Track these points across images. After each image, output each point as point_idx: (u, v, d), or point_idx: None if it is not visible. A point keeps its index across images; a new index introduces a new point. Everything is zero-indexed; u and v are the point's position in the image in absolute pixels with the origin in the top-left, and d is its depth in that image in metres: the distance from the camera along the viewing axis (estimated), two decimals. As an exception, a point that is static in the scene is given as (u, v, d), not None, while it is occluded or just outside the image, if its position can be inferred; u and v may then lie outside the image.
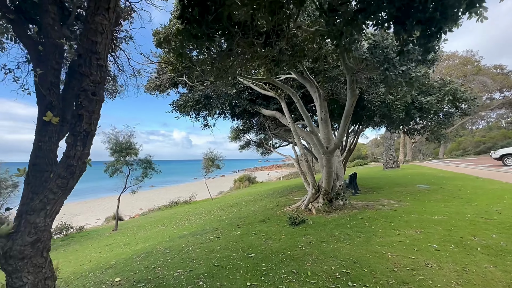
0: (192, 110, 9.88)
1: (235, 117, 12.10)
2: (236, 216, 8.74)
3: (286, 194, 12.54)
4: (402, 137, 29.07)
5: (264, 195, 14.55)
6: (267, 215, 7.87)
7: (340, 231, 5.51)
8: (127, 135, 13.17)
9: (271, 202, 10.53)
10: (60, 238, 13.40)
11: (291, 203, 9.42)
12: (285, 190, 14.69)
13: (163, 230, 9.54)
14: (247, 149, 16.12)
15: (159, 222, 12.54)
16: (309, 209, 7.86)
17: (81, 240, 12.32)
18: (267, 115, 9.65)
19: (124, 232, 11.74)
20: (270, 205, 9.67)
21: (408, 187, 11.19)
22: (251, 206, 10.53)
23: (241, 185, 33.20)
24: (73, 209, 29.50)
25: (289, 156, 9.97)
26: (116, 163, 13.04)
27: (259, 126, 12.64)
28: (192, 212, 13.60)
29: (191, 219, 10.81)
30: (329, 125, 8.00)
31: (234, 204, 12.50)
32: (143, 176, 13.66)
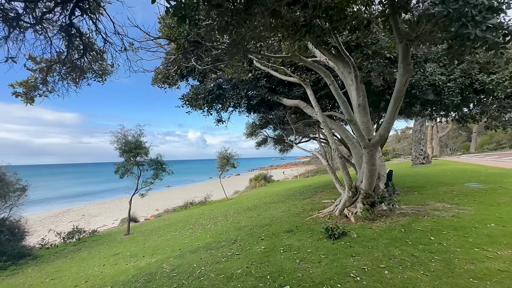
0: (204, 103, 8.65)
1: (251, 110, 10.77)
2: (256, 222, 7.44)
3: (310, 195, 11.10)
4: (430, 131, 26.60)
5: (284, 196, 13.15)
6: (294, 223, 6.49)
7: (401, 250, 4.05)
8: (137, 133, 12.22)
9: (294, 205, 9.13)
10: (72, 243, 12.71)
11: (320, 207, 7.98)
12: (308, 190, 13.23)
13: (174, 238, 8.41)
14: (264, 146, 14.78)
15: (172, 227, 11.49)
16: (345, 215, 6.41)
17: (91, 246, 11.52)
18: (289, 105, 8.27)
19: (135, 238, 10.77)
20: (295, 209, 8.28)
21: (455, 186, 9.41)
22: (272, 210, 9.19)
23: (257, 184, 31.95)
24: (92, 210, 29.47)
25: (315, 152, 8.53)
26: (126, 163, 12.11)
27: (278, 120, 11.24)
28: (207, 215, 12.46)
29: (205, 224, 9.63)
30: (368, 113, 6.49)
31: (252, 207, 11.21)
32: (154, 177, 12.66)
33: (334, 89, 5.61)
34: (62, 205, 34.38)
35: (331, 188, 12.26)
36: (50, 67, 3.39)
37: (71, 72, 3.56)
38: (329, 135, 6.87)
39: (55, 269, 7.85)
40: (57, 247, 12.40)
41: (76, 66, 3.46)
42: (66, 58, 3.29)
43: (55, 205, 34.33)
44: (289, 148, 14.98)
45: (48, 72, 3.41)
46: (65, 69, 3.54)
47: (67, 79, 3.68)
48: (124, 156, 11.91)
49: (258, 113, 11.06)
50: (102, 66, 3.92)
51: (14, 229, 11.68)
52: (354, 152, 7.29)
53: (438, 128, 29.91)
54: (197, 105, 8.85)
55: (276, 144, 14.83)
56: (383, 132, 5.45)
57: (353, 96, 6.34)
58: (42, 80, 3.50)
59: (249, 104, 9.45)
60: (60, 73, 3.57)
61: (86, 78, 3.86)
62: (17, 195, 11.47)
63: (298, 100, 8.12)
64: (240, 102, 8.50)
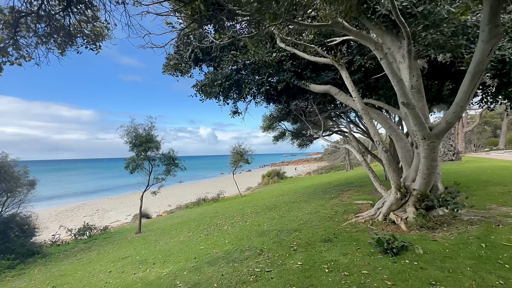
0: (221, 91, 7.61)
1: (270, 100, 9.68)
2: (281, 226, 6.39)
3: (335, 194, 9.93)
4: (455, 125, 24.62)
5: (304, 194, 12.04)
6: (330, 229, 5.39)
7: (499, 277, 2.89)
8: (148, 126, 11.38)
9: (322, 206, 8.01)
10: (83, 240, 12.13)
11: (354, 209, 6.83)
12: (330, 189, 12.06)
13: (188, 240, 7.50)
14: (282, 140, 13.66)
15: (185, 226, 10.64)
16: (392, 221, 5.25)
17: (101, 244, 10.85)
18: (318, 91, 7.11)
19: (146, 238, 9.98)
20: (324, 211, 7.17)
21: (509, 186, 8.03)
22: (295, 211, 8.11)
23: (270, 180, 30.92)
24: (106, 204, 29.36)
25: (348, 146, 7.31)
26: (136, 158, 11.32)
27: (299, 111, 10.08)
28: (222, 214, 11.55)
29: (221, 225, 8.69)
30: (424, 97, 5.26)
31: (271, 206, 10.17)
32: (166, 173, 11.83)
33: (387, 65, 4.42)
34: (78, 199, 34.67)
35: (358, 187, 11.04)
36: (18, 19, 2.46)
37: (54, 33, 2.64)
38: (370, 124, 5.69)
39: (60, 273, 7.12)
40: (68, 244, 11.85)
41: (57, 23, 2.54)
42: (41, 8, 2.35)
43: (72, 199, 34.64)
44: (308, 143, 13.81)
45: (16, 28, 2.48)
46: (43, 27, 2.62)
47: (48, 42, 2.75)
48: (135, 151, 11.13)
49: (278, 104, 9.94)
50: (96, 27, 2.94)
51: (24, 226, 11.17)
52: (399, 145, 6.07)
53: (463, 122, 27.78)
54: (212, 93, 7.82)
55: (295, 138, 13.69)
56: (452, 119, 4.23)
57: (404, 76, 5.12)
58: (11, 41, 2.58)
59: (270, 92, 8.36)
60: (36, 33, 2.65)
61: (74, 43, 2.92)
62: (25, 189, 10.92)
63: (328, 86, 6.94)
64: (260, 89, 7.40)
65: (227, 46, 7.52)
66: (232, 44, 7.41)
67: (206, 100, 8.86)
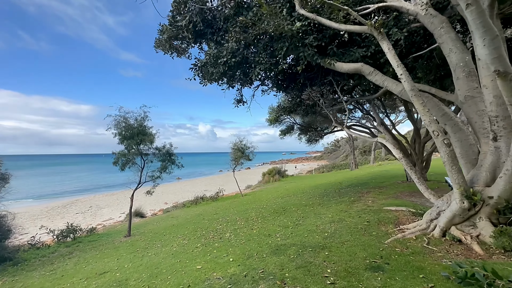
0: (225, 70, 6.11)
1: (281, 86, 8.23)
2: (300, 239, 4.96)
3: (355, 195, 8.52)
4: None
5: (315, 195, 10.61)
6: (372, 249, 3.96)
7: None
8: (140, 116, 9.88)
9: (345, 212, 6.57)
10: (65, 243, 10.64)
11: (391, 218, 5.40)
12: (343, 189, 10.65)
13: (182, 252, 6.05)
14: (290, 135, 12.22)
15: (180, 230, 9.21)
16: (457, 239, 3.84)
17: (85, 249, 9.39)
18: (346, 71, 5.65)
19: (135, 244, 8.53)
20: (351, 219, 5.74)
21: None
22: (312, 217, 6.68)
23: (270, 179, 29.53)
24: (100, 201, 27.83)
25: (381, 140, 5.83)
26: (127, 153, 9.83)
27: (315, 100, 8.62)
28: (222, 216, 10.12)
29: (222, 232, 7.26)
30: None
31: (280, 210, 8.74)
32: (162, 170, 10.35)
33: (477, 13, 2.97)
34: (72, 195, 33.21)
35: (377, 188, 9.63)
36: None
37: None
38: (423, 110, 4.23)
39: None
40: (49, 247, 10.38)
41: None
42: None
43: (66, 195, 33.17)
44: (318, 139, 12.37)
45: None
46: None
47: None
48: (125, 144, 9.63)
49: (290, 91, 8.47)
50: None
51: (-4, 227, 9.68)
52: (457, 138, 4.63)
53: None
54: (215, 73, 6.33)
55: (303, 133, 12.25)
56: None
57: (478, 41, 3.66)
58: None
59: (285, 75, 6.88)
60: None
61: None
62: (-2, 186, 9.42)
63: (360, 64, 5.48)
64: (274, 70, 5.91)
65: (232, 15, 6.04)
66: (238, 11, 5.92)
67: (207, 83, 7.38)
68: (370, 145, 49.39)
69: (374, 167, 25.72)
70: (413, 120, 9.64)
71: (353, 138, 27.36)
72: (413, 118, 9.75)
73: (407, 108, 9.39)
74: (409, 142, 10.22)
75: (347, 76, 6.28)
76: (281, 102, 10.35)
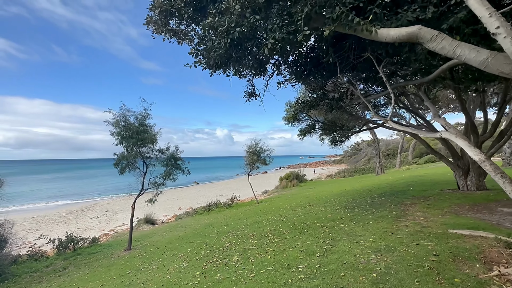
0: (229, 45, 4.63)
1: (302, 73, 6.65)
2: (335, 282, 3.32)
3: (396, 208, 6.66)
4: None
5: (341, 205, 8.80)
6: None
7: None
8: (140, 115, 8.73)
9: (392, 234, 4.78)
10: (64, 255, 9.63)
11: (468, 248, 3.60)
12: (376, 198, 8.74)
13: (177, 280, 4.61)
14: (310, 135, 10.53)
15: (184, 245, 7.84)
16: None
17: (79, 265, 8.27)
18: (393, 39, 3.95)
19: (130, 262, 7.25)
20: (405, 248, 3.98)
21: None
22: (345, 240, 4.97)
23: (288, 184, 27.66)
24: (117, 205, 27.51)
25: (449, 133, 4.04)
26: (127, 155, 8.70)
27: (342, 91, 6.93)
28: (233, 229, 8.62)
29: (229, 254, 5.74)
30: None
31: (300, 225, 7.07)
32: (165, 176, 9.09)
33: None
34: (92, 198, 33.56)
35: (421, 198, 7.66)
36: None
37: None
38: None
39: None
40: (47, 259, 9.47)
41: None
42: None
43: (86, 198, 33.57)
44: (344, 139, 10.55)
45: None
46: None
47: None
48: (124, 145, 8.51)
49: (313, 77, 6.83)
50: None
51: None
52: None
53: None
54: (217, 53, 4.89)
55: (326, 133, 10.49)
56: None
57: None
58: None
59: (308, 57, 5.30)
60: None
61: None
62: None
63: (417, 27, 3.79)
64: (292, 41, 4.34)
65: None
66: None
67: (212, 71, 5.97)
68: (394, 148, 45.75)
69: (402, 172, 23.04)
70: (467, 113, 7.62)
71: (378, 140, 24.87)
72: (467, 111, 7.72)
73: (460, 98, 7.41)
74: (461, 142, 8.15)
75: (391, 49, 4.59)
76: (300, 96, 8.77)
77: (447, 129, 4.25)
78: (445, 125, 4.36)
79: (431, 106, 4.99)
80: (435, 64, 5.03)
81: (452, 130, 4.07)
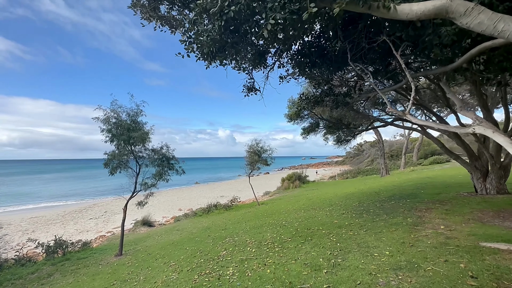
0: (223, 30, 4.01)
1: (306, 65, 6.00)
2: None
3: (410, 214, 5.96)
4: None
5: (348, 209, 8.11)
6: None
7: None
8: (133, 111, 8.12)
9: (412, 246, 4.09)
10: (52, 261, 9.02)
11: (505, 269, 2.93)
12: (384, 201, 8.04)
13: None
14: (314, 134, 9.85)
15: (178, 251, 7.20)
16: None
17: (66, 272, 7.66)
18: (416, 16, 3.22)
19: (117, 271, 6.62)
20: (432, 266, 3.30)
21: None
22: (356, 252, 4.30)
23: (290, 185, 26.97)
24: (116, 206, 26.94)
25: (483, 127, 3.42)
26: (118, 154, 8.09)
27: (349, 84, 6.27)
28: (231, 234, 7.98)
29: (224, 265, 5.09)
30: None
31: (303, 231, 6.40)
32: (157, 177, 8.48)
33: None
34: (92, 198, 33.14)
35: (436, 202, 6.95)
36: None
37: None
38: None
39: None
40: (34, 264, 8.89)
41: None
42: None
43: (86, 198, 33.16)
44: (350, 138, 9.86)
45: None
46: None
47: None
48: (115, 143, 7.91)
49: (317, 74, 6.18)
50: None
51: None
52: None
53: None
54: (210, 37, 4.26)
55: (331, 132, 9.81)
56: None
57: None
58: None
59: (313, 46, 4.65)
60: None
61: None
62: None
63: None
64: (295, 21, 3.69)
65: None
66: None
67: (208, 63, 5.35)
68: (398, 149, 44.79)
69: (408, 173, 22.22)
70: (488, 110, 6.91)
71: (383, 141, 24.10)
72: (488, 108, 7.00)
73: (480, 93, 6.70)
74: (480, 141, 7.45)
75: (412, 29, 3.91)
76: (303, 91, 8.11)
77: (478, 123, 3.56)
78: (476, 119, 3.67)
79: (456, 98, 4.31)
80: (459, 51, 4.34)
81: (486, 125, 3.38)
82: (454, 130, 3.74)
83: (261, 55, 5.70)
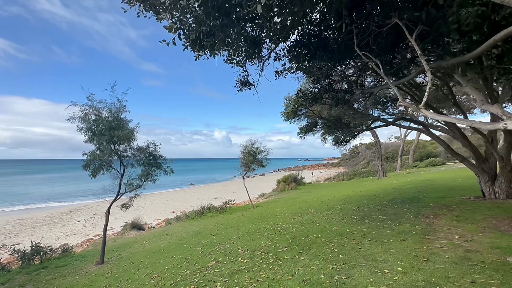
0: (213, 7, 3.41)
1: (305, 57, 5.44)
2: None
3: (418, 220, 5.42)
4: None
5: (347, 213, 7.54)
6: None
7: None
8: (115, 107, 7.43)
9: (427, 260, 3.52)
10: (28, 269, 8.24)
11: None
12: (386, 205, 7.49)
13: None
14: (312, 133, 9.28)
15: (163, 260, 6.52)
16: None
17: (40, 282, 6.91)
18: None
19: (94, 283, 5.93)
20: (452, 284, 2.75)
21: None
22: (362, 267, 3.71)
23: (286, 186, 26.39)
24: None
25: None
26: (100, 154, 7.38)
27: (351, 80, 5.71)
28: (222, 240, 7.33)
29: (212, 279, 4.45)
30: None
31: (301, 239, 5.79)
32: (143, 177, 7.80)
33: None
34: (81, 199, 31.97)
35: (443, 207, 6.42)
36: None
37: None
38: None
39: None
40: (8, 273, 8.10)
41: None
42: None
43: (77, 199, 32.01)
44: (349, 138, 9.32)
45: None
46: None
47: None
48: (95, 142, 7.20)
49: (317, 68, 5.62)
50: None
51: None
52: None
53: None
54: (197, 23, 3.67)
55: (329, 131, 9.25)
56: None
57: None
58: None
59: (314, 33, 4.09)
60: None
61: None
62: None
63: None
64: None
65: None
66: None
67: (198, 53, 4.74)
68: (393, 151, 44.66)
69: (405, 176, 21.85)
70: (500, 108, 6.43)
71: (380, 142, 23.71)
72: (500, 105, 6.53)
73: (492, 90, 6.21)
74: (488, 141, 6.97)
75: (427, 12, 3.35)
76: (301, 88, 7.55)
77: (507, 118, 3.02)
78: (503, 114, 3.13)
79: (475, 91, 3.79)
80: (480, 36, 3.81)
81: None
82: (479, 126, 3.22)
83: (256, 44, 5.11)
